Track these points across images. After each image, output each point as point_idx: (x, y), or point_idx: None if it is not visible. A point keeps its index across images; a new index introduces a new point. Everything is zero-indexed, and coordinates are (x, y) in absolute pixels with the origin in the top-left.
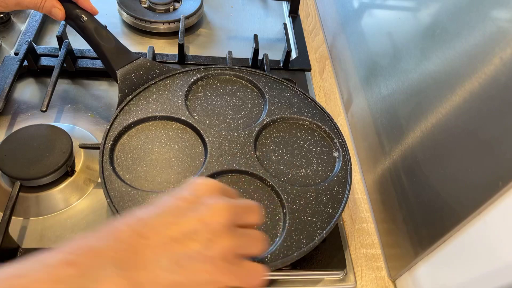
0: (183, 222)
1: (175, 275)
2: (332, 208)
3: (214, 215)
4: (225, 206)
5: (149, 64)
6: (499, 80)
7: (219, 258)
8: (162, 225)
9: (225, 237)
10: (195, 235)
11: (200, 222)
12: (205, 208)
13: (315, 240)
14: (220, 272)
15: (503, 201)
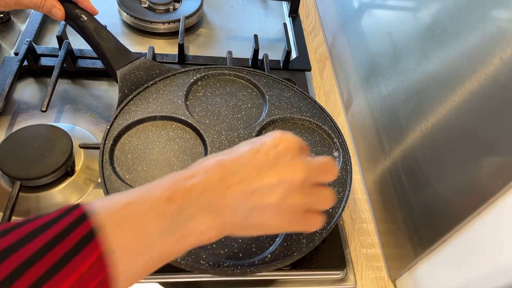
0: (264, 176)
1: (251, 220)
2: (332, 208)
3: (291, 173)
4: (302, 165)
5: (149, 64)
6: (499, 80)
7: (290, 212)
8: (245, 176)
9: (298, 194)
10: (272, 189)
11: (279, 179)
12: (284, 165)
13: (315, 240)
14: (288, 222)
15: (503, 201)
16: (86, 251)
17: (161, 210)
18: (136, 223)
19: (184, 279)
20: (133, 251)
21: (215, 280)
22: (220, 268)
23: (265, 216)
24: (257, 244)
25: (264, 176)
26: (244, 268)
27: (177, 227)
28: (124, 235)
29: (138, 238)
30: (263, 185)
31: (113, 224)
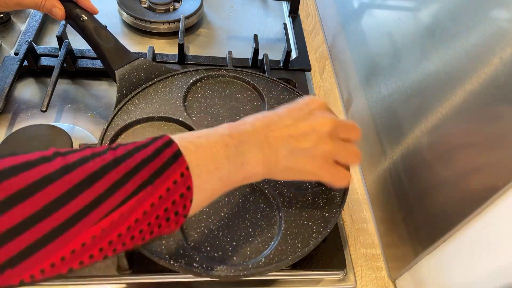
0: (299, 125)
1: (289, 161)
2: (328, 212)
3: (322, 124)
4: (331, 119)
5: (148, 64)
6: (499, 80)
7: (321, 157)
8: (284, 124)
9: (328, 142)
10: (307, 136)
11: (311, 128)
12: (316, 118)
13: (310, 245)
14: (319, 167)
15: (503, 201)
16: (176, 165)
17: (226, 141)
18: (209, 148)
19: (183, 279)
20: (208, 168)
21: (213, 281)
22: (213, 271)
23: (300, 159)
24: (252, 248)
25: (299, 125)
26: (238, 271)
27: (237, 156)
28: (201, 156)
29: (212, 159)
30: (298, 132)
31: (192, 147)
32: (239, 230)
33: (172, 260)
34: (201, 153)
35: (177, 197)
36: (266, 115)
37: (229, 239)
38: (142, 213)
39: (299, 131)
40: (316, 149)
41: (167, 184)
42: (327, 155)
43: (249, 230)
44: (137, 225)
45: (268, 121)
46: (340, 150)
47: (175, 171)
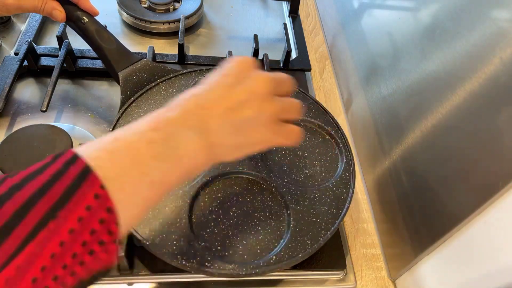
0: (235, 94)
1: (236, 138)
2: (336, 208)
3: (259, 85)
4: (266, 77)
5: (150, 65)
6: (499, 80)
7: (268, 121)
8: (218, 97)
9: (270, 103)
10: (247, 104)
11: (249, 93)
12: (250, 80)
13: (319, 241)
14: (270, 132)
15: (503, 201)
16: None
17: (149, 138)
18: (128, 152)
19: (185, 279)
20: (131, 177)
21: (215, 280)
22: (225, 270)
23: (249, 130)
24: (262, 246)
25: (234, 94)
26: (249, 270)
27: (168, 152)
28: (119, 164)
29: (133, 164)
30: (236, 102)
31: (106, 156)
32: (248, 229)
33: (184, 260)
34: (119, 160)
35: (95, 225)
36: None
37: (239, 238)
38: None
39: (237, 99)
40: (261, 114)
41: (77, 213)
42: (274, 117)
43: (258, 228)
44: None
45: (197, 98)
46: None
47: (85, 194)
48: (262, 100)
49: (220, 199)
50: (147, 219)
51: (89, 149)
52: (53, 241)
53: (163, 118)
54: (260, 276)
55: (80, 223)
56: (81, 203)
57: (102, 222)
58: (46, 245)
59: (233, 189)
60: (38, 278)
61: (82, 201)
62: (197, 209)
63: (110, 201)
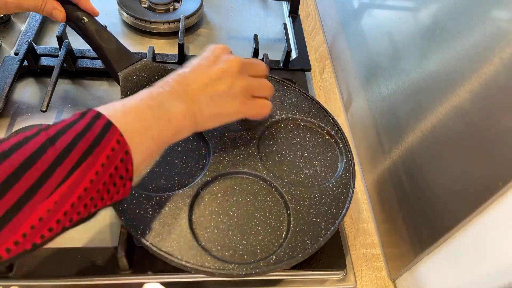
0: (211, 72)
1: (213, 108)
2: (336, 208)
3: (231, 65)
4: (237, 59)
5: (151, 65)
6: (499, 80)
7: (239, 94)
8: (196, 76)
9: (241, 79)
10: (221, 80)
11: (222, 71)
12: (223, 62)
13: (319, 241)
14: (241, 104)
15: (503, 201)
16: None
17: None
18: (135, 112)
19: (185, 279)
20: (139, 130)
21: (215, 280)
22: (225, 270)
23: (221, 103)
24: (262, 246)
25: (210, 72)
26: (249, 270)
27: (163, 113)
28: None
29: (140, 120)
30: (212, 79)
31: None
32: (248, 229)
33: (184, 260)
34: (130, 118)
35: (118, 163)
36: (179, 73)
37: (239, 238)
38: (89, 181)
39: (213, 77)
40: (232, 89)
41: (106, 151)
42: (244, 91)
43: (258, 228)
44: (87, 193)
45: (182, 78)
46: (254, 84)
47: (111, 139)
48: (234, 77)
49: (220, 199)
50: (147, 218)
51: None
52: (92, 170)
53: (156, 91)
54: (260, 276)
55: (108, 160)
56: (108, 145)
57: (122, 161)
58: (87, 173)
59: (233, 189)
60: (82, 196)
61: (108, 143)
62: (197, 209)
63: (127, 145)
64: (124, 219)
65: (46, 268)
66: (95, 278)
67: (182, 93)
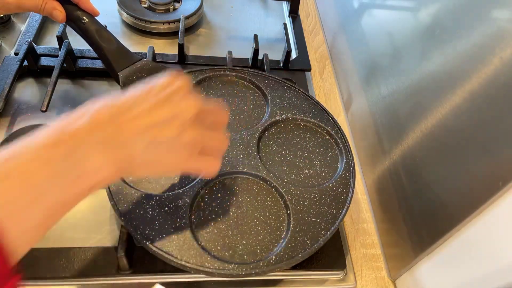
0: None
1: (148, 155)
2: (336, 209)
3: (184, 108)
4: (195, 103)
5: (151, 65)
6: (499, 80)
7: (185, 147)
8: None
9: (192, 130)
10: (167, 124)
11: (173, 114)
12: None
13: (319, 241)
14: (184, 159)
15: (503, 201)
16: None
17: (47, 156)
18: (19, 176)
19: (185, 279)
20: (22, 203)
21: (215, 280)
22: (225, 270)
23: (162, 151)
24: (262, 246)
25: (158, 111)
26: (249, 269)
27: (67, 171)
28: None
29: (26, 189)
30: (158, 120)
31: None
32: (248, 229)
33: (184, 260)
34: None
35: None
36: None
37: (239, 238)
38: None
39: (158, 118)
40: (179, 139)
41: None
42: (192, 145)
43: (258, 228)
44: None
45: (118, 110)
46: (206, 138)
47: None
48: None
49: (220, 199)
50: (147, 218)
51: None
52: None
53: (68, 130)
54: (260, 276)
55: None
56: None
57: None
58: None
59: (233, 189)
60: None
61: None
62: (197, 209)
63: None
64: (124, 219)
65: (46, 268)
66: (95, 278)
67: (110, 133)
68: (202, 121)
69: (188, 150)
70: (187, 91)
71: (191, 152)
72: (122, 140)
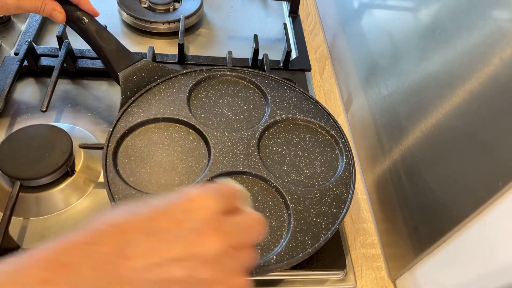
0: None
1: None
2: (336, 208)
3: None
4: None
5: (151, 65)
6: (499, 80)
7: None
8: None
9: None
10: (179, 263)
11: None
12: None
13: (320, 241)
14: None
15: (503, 201)
16: None
17: None
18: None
19: None
20: None
21: None
22: None
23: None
24: (262, 246)
25: (170, 247)
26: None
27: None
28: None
29: None
30: (168, 259)
31: None
32: None
33: None
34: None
35: None
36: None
37: None
38: None
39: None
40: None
41: None
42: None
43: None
44: None
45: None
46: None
47: None
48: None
49: None
50: None
51: None
52: None
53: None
54: (261, 276)
55: None
56: None
57: None
58: None
59: None
60: None
61: None
62: None
63: None
64: None
65: None
66: None
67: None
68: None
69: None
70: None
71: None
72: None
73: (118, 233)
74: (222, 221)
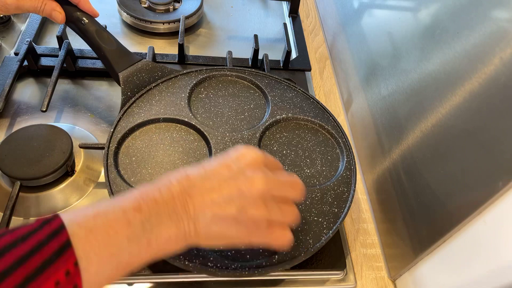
0: (224, 188)
1: (212, 229)
2: (337, 207)
3: (251, 186)
4: (262, 178)
5: (151, 66)
6: (499, 80)
7: (250, 223)
8: (207, 188)
9: (258, 207)
10: (231, 200)
11: (238, 191)
12: (244, 178)
13: (321, 240)
14: (248, 233)
15: (503, 201)
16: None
17: (129, 218)
18: (105, 231)
19: (187, 279)
20: (103, 257)
21: (217, 280)
22: (228, 270)
23: (224, 226)
24: None
25: (224, 187)
26: (252, 269)
27: (142, 235)
28: (93, 243)
29: (107, 245)
30: (223, 196)
31: (83, 233)
32: None
33: (187, 260)
34: (94, 239)
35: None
36: (188, 175)
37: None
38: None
39: (224, 194)
40: (242, 215)
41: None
42: (256, 220)
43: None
44: None
45: (188, 184)
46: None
47: (58, 269)
48: (250, 201)
49: None
50: None
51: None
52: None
53: (148, 198)
54: (262, 276)
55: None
56: (52, 277)
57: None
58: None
59: None
60: None
61: (53, 275)
62: None
63: (79, 278)
64: None
65: None
66: None
67: (179, 206)
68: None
69: (251, 225)
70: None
71: (256, 227)
72: (189, 214)
73: (186, 179)
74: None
